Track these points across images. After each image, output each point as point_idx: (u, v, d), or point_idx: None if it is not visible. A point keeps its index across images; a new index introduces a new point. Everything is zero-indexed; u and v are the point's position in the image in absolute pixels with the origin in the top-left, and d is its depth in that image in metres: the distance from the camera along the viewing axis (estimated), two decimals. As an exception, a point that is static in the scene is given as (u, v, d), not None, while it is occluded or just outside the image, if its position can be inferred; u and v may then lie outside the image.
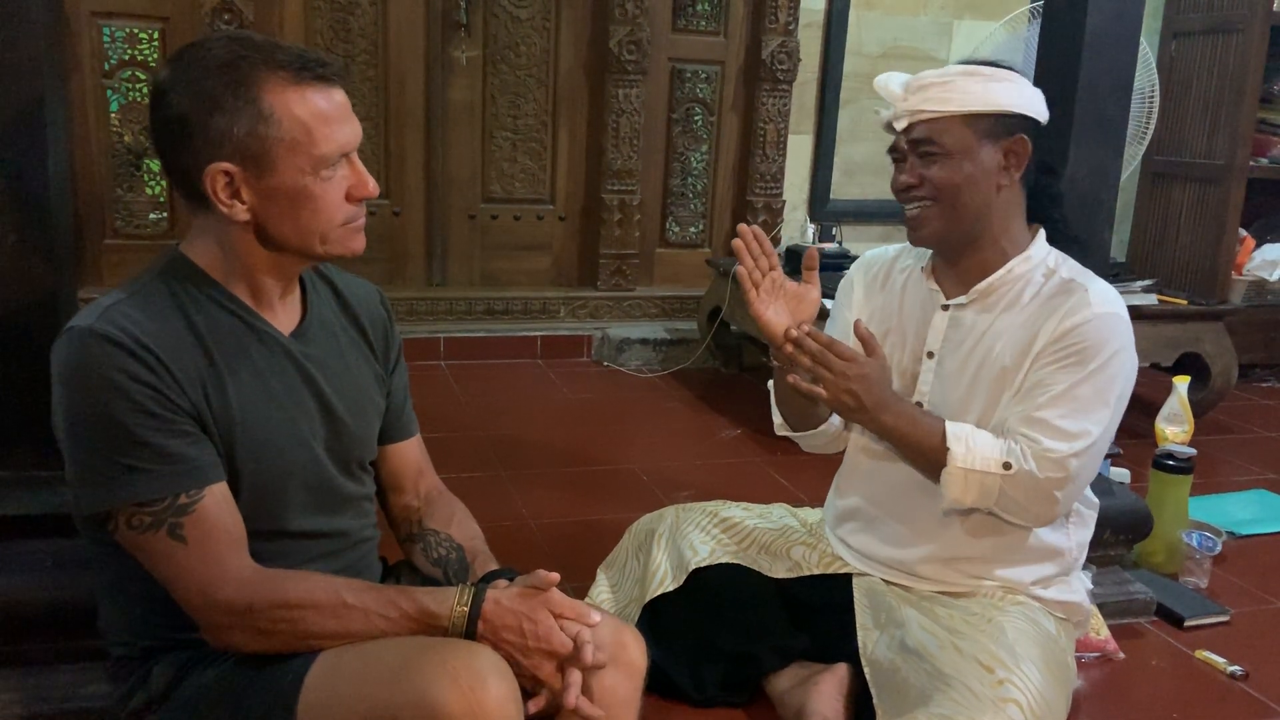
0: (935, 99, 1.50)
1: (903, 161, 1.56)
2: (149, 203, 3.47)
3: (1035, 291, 1.56)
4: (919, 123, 1.52)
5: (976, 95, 1.50)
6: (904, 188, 1.56)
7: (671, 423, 3.25)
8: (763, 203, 4.01)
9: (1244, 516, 2.64)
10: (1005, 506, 1.51)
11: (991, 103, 1.50)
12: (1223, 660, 1.94)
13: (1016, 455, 1.48)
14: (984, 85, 1.50)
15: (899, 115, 1.53)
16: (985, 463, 1.48)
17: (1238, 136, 3.91)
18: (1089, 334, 1.49)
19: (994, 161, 1.52)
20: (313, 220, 1.16)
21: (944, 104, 1.50)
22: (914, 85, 1.52)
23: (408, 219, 3.77)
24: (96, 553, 1.20)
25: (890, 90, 1.55)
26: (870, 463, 1.69)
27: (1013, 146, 1.52)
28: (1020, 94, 1.53)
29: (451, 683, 1.04)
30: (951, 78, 1.50)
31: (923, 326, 1.63)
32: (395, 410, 1.39)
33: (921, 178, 1.53)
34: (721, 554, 1.73)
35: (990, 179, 1.52)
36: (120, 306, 1.12)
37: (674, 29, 3.85)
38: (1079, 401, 1.47)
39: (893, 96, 1.54)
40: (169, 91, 1.12)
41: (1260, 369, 4.00)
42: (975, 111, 1.50)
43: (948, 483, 1.50)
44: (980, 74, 1.51)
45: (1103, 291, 1.53)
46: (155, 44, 3.36)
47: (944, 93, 1.50)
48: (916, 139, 1.52)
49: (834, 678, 1.59)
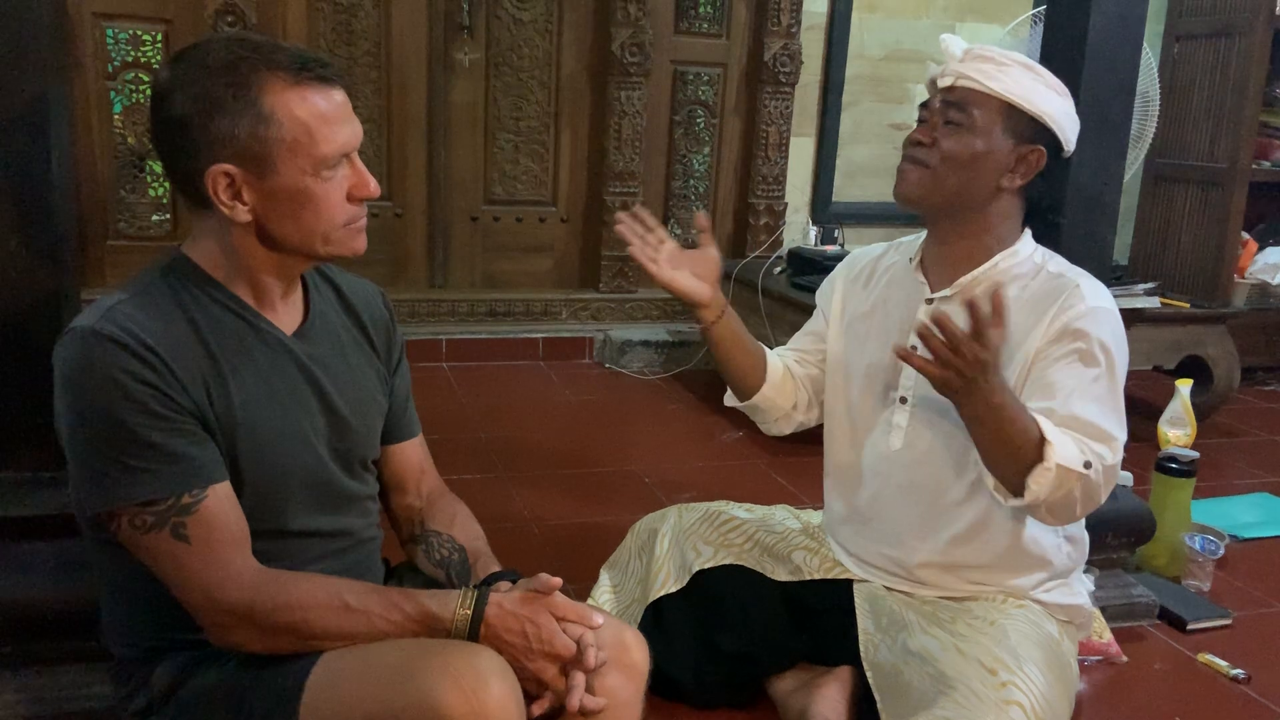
0: (987, 73, 1.50)
1: (924, 122, 1.56)
2: (152, 204, 3.48)
3: (1023, 286, 1.55)
4: (962, 87, 1.52)
5: (1024, 89, 1.50)
6: (914, 141, 1.55)
7: (673, 425, 3.25)
8: (764, 205, 4.01)
9: (1246, 520, 2.64)
10: (1054, 509, 1.44)
11: (1033, 103, 1.50)
12: (1225, 663, 1.94)
13: (1092, 455, 1.42)
14: (1034, 84, 1.51)
15: (948, 73, 1.53)
16: (1071, 460, 1.40)
17: (1240, 140, 3.91)
18: (1089, 328, 1.48)
19: (1006, 158, 1.51)
20: (314, 221, 1.16)
21: (992, 80, 1.50)
22: (974, 53, 1.53)
23: (410, 221, 3.78)
24: (99, 553, 1.20)
25: (950, 49, 1.55)
26: (845, 476, 1.70)
27: (1029, 154, 1.52)
28: (1062, 111, 1.53)
29: (454, 685, 1.04)
30: (1011, 62, 1.51)
31: (906, 321, 1.63)
32: (398, 410, 1.39)
33: (935, 140, 1.53)
34: (724, 555, 1.73)
35: (994, 172, 1.52)
36: (123, 307, 1.12)
37: (676, 31, 3.86)
38: (1101, 401, 1.46)
39: (950, 56, 1.54)
40: (170, 93, 1.12)
41: (1262, 372, 3.99)
42: (1015, 103, 1.50)
43: (1041, 479, 1.40)
44: (1037, 73, 1.52)
45: (1095, 287, 1.53)
46: (158, 46, 3.36)
47: (998, 71, 1.50)
48: (952, 101, 1.52)
49: (837, 680, 1.59)
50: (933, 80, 1.57)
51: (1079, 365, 1.48)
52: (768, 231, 4.01)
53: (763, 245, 3.92)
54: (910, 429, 1.61)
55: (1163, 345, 3.27)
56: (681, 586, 1.70)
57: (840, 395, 1.72)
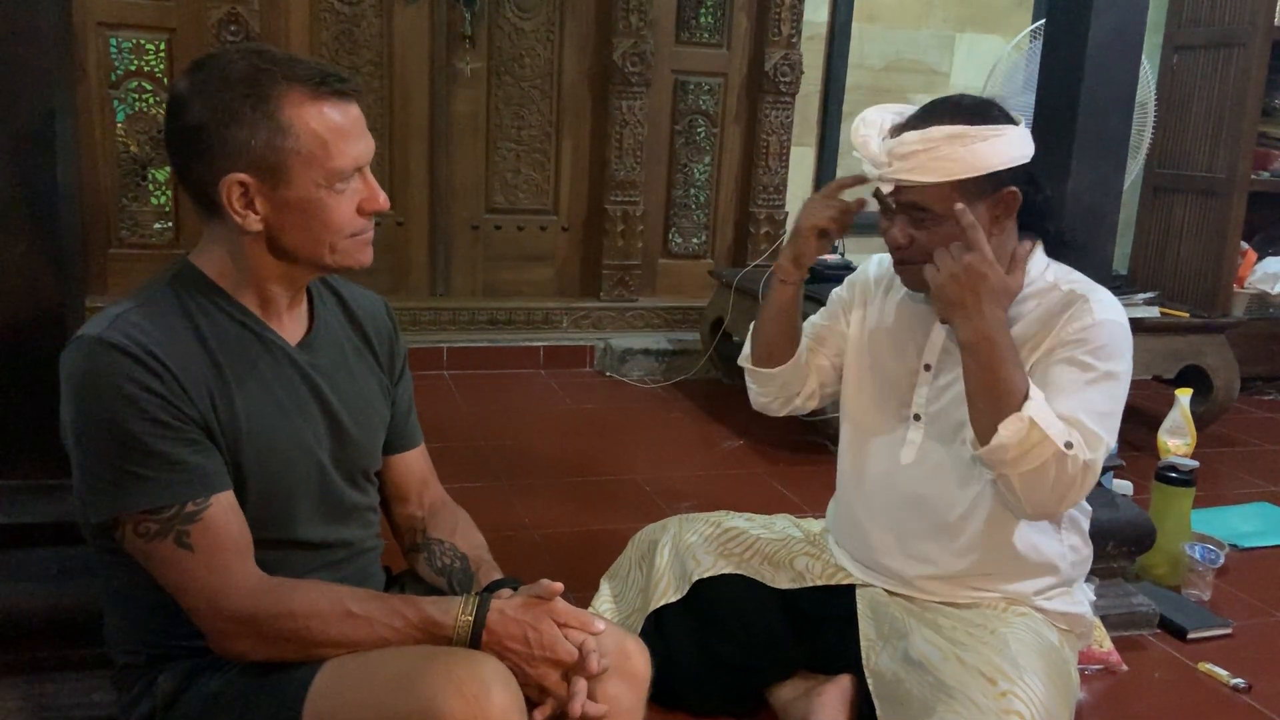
0: (922, 168, 1.46)
1: (889, 213, 1.54)
2: (154, 212, 3.48)
3: (1035, 306, 1.55)
4: (906, 188, 1.49)
5: (963, 161, 1.45)
6: (895, 245, 1.55)
7: (674, 433, 3.25)
8: (765, 214, 4.02)
9: (1246, 529, 2.64)
10: (1027, 483, 1.44)
11: (979, 166, 1.46)
12: (1225, 673, 1.94)
13: (1079, 442, 1.42)
14: (969, 149, 1.45)
15: (884, 179, 1.50)
16: (1054, 430, 1.41)
17: (1239, 150, 3.93)
18: (1095, 336, 1.48)
19: (985, 217, 1.49)
20: (323, 231, 1.16)
21: (930, 173, 1.46)
22: (897, 151, 1.47)
23: (412, 229, 3.78)
24: (103, 561, 1.20)
25: (872, 152, 1.51)
26: (856, 483, 1.70)
27: (1002, 199, 1.50)
28: (1007, 147, 1.47)
29: (456, 692, 1.05)
30: (935, 143, 1.45)
31: (921, 338, 1.63)
32: (400, 420, 1.39)
33: (911, 239, 1.52)
34: (724, 564, 1.73)
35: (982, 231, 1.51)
36: (129, 315, 1.13)
37: (677, 41, 3.87)
38: (1096, 407, 1.46)
39: (875, 159, 1.50)
40: (188, 101, 1.13)
41: (1262, 382, 4.00)
42: (961, 178, 1.46)
43: (1011, 425, 1.41)
44: (965, 136, 1.45)
45: (1105, 299, 1.53)
46: (162, 55, 3.37)
47: (930, 161, 1.45)
48: (908, 203, 1.50)
49: (837, 689, 1.60)
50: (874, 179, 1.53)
51: (1076, 370, 1.48)
52: (768, 240, 4.02)
53: (763, 254, 3.94)
54: (923, 445, 1.62)
55: (1162, 355, 3.28)
56: (682, 596, 1.70)
57: (854, 406, 1.73)
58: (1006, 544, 1.58)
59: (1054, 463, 1.41)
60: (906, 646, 1.54)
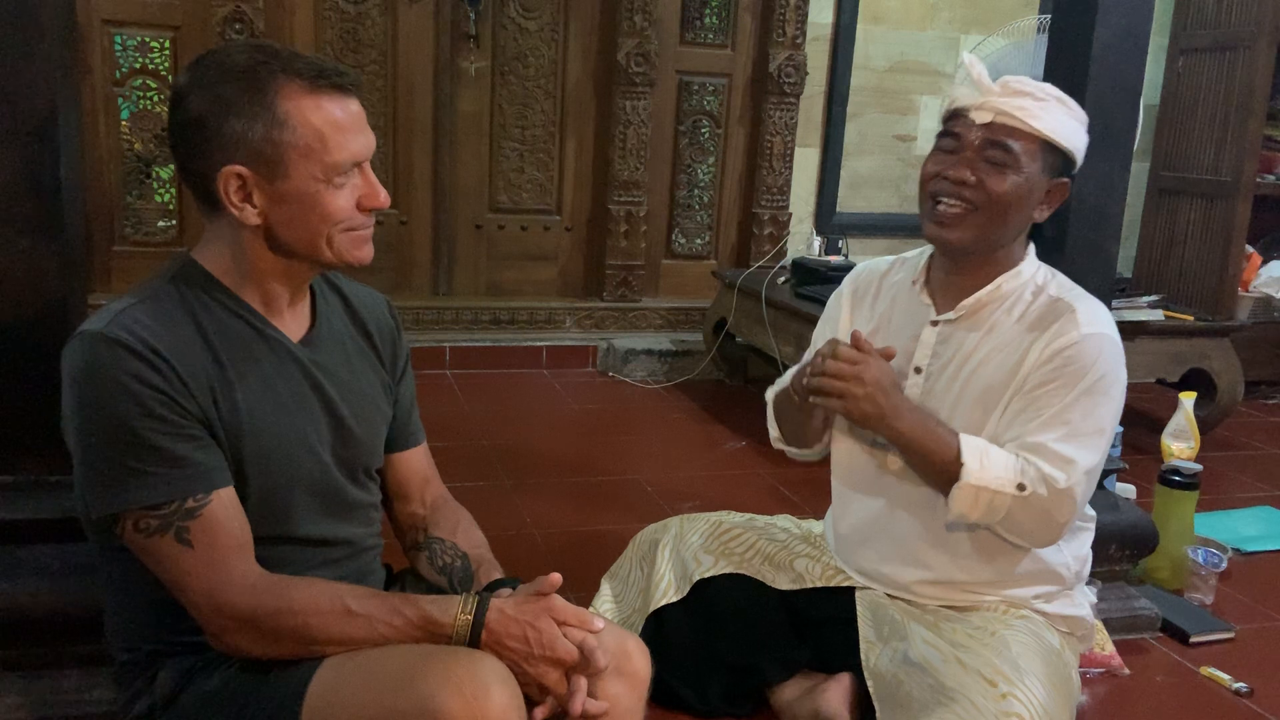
0: (1030, 111, 1.46)
1: (954, 152, 1.50)
2: (158, 210, 3.49)
3: (1024, 310, 1.55)
4: (1006, 125, 1.47)
5: (1063, 127, 1.47)
6: (956, 180, 1.48)
7: (676, 434, 3.25)
8: (769, 215, 4.02)
9: (1249, 533, 2.63)
10: (1009, 526, 1.50)
11: (1069, 141, 1.48)
12: (1228, 677, 1.94)
13: (1031, 478, 1.45)
14: (1069, 119, 1.48)
15: (986, 108, 1.47)
16: (999, 482, 1.45)
17: (1244, 153, 3.91)
18: (1078, 355, 1.47)
19: (1040, 193, 1.50)
20: (320, 224, 1.16)
21: (1035, 120, 1.46)
22: (1012, 86, 1.47)
23: (415, 228, 3.78)
24: (103, 557, 1.20)
25: (981, 79, 1.48)
26: (849, 491, 1.70)
27: (1057, 187, 1.52)
28: (1082, 144, 1.52)
29: (455, 691, 1.05)
30: (1048, 97, 1.47)
31: (911, 341, 1.62)
32: (402, 419, 1.39)
33: (980, 180, 1.48)
34: (725, 565, 1.73)
35: (1030, 208, 1.51)
36: (131, 311, 1.13)
37: (682, 42, 3.87)
38: (1072, 426, 1.46)
39: (985, 88, 1.47)
40: (187, 94, 1.13)
41: (1266, 385, 3.99)
42: (1055, 141, 1.47)
43: (957, 497, 1.47)
44: (1071, 109, 1.49)
45: (1092, 311, 1.52)
46: (166, 52, 3.38)
47: (1040, 109, 1.46)
48: (996, 140, 1.47)
49: (839, 686, 1.59)
50: (957, 110, 1.50)
51: (1056, 391, 1.48)
52: (772, 241, 4.02)
53: (767, 255, 3.93)
54: None
55: (1166, 358, 3.27)
56: (683, 596, 1.70)
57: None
58: (1003, 552, 1.57)
59: (1018, 507, 1.46)
60: (906, 648, 1.54)
